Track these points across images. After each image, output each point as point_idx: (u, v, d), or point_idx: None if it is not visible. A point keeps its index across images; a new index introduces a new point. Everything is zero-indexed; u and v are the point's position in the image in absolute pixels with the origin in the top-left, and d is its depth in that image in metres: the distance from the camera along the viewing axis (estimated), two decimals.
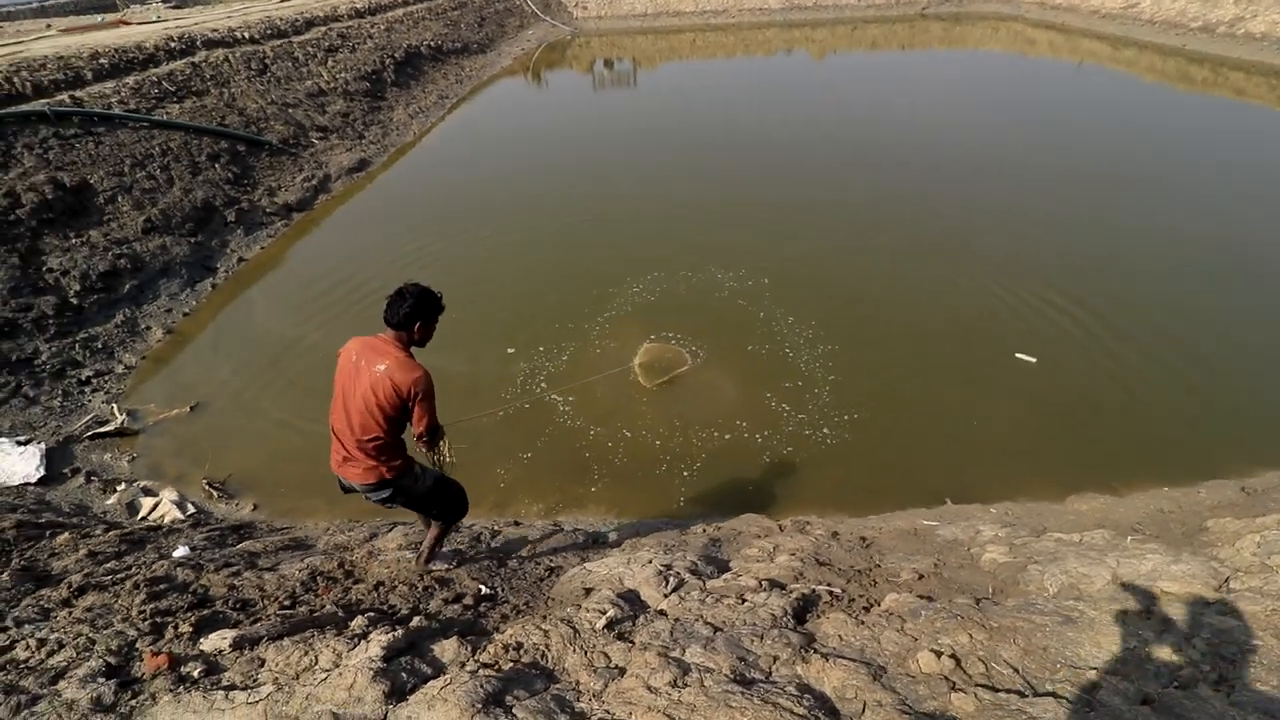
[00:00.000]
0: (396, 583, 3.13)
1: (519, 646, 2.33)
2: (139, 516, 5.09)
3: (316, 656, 2.28)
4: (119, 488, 5.39)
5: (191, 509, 5.14)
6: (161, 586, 2.94)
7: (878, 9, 31.28)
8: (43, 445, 5.66)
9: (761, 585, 2.92)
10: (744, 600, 2.74)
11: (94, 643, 2.37)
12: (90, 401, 6.43)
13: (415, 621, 2.60)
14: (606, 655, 2.29)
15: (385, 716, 1.93)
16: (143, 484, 5.47)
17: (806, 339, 7.04)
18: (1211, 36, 20.11)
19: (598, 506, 5.21)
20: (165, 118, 10.20)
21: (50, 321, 6.94)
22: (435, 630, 2.54)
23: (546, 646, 2.33)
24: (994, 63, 22.88)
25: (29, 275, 7.16)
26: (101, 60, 10.78)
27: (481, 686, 1.98)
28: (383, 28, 18.00)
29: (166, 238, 8.63)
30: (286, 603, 2.89)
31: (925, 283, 8.11)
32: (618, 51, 27.84)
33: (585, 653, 2.30)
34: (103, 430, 6.03)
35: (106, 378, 6.75)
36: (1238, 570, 3.03)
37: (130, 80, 10.65)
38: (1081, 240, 9.01)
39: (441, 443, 3.01)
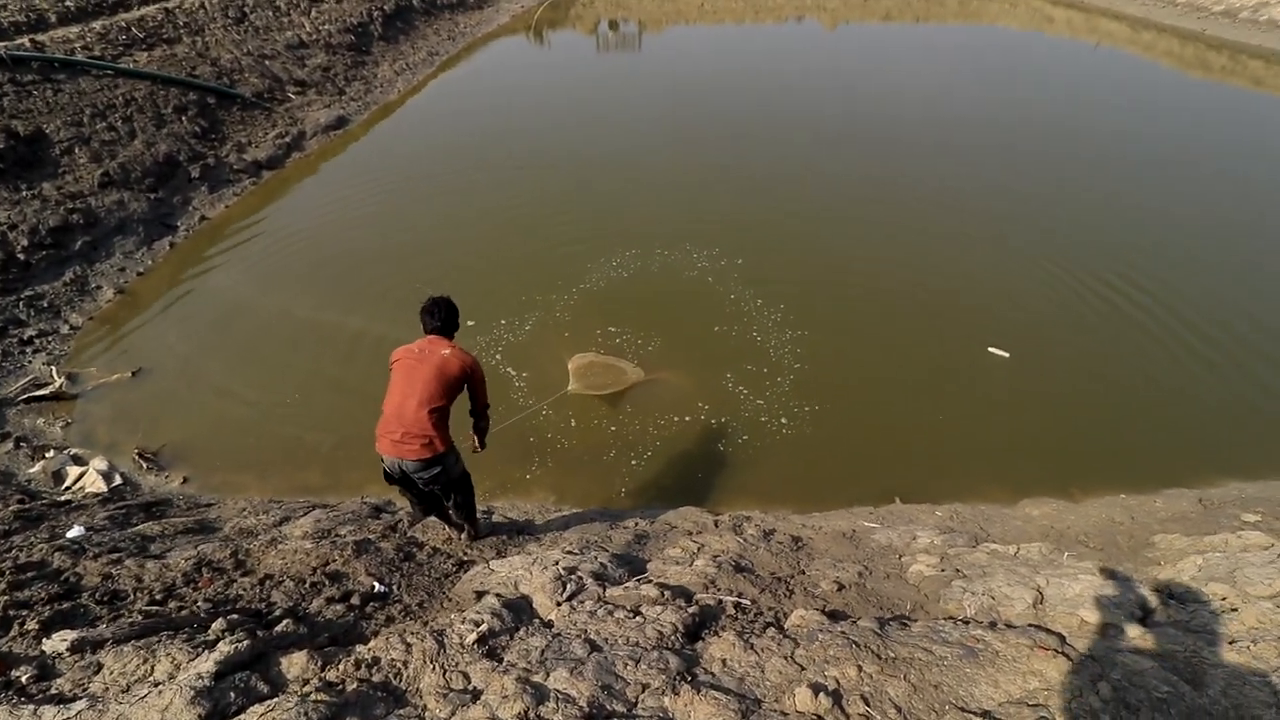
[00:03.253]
0: (285, 577, 2.97)
1: (375, 662, 2.16)
2: (64, 486, 4.94)
3: (154, 666, 2.12)
4: (47, 455, 5.23)
5: (119, 480, 4.99)
6: (29, 574, 2.79)
7: None
8: None
9: (663, 595, 2.75)
10: (638, 613, 2.57)
11: None
12: (30, 363, 6.23)
13: (281, 626, 2.44)
14: (467, 676, 2.13)
15: None
16: (73, 452, 5.31)
17: (775, 323, 6.81)
18: (1233, 22, 19.36)
19: (539, 492, 5.05)
20: (132, 66, 9.79)
21: None
22: (298, 637, 2.38)
23: (405, 663, 2.17)
24: (1010, 40, 22.10)
25: None
26: (68, 3, 10.33)
27: (306, 715, 1.82)
28: None
29: (125, 193, 8.33)
30: (159, 597, 2.73)
31: (909, 269, 7.82)
32: (623, 12, 26.89)
33: (445, 672, 2.14)
34: (39, 394, 5.85)
35: (50, 338, 6.55)
36: (1171, 598, 2.86)
37: (97, 25, 10.21)
38: (1080, 229, 8.69)
39: None
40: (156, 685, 2.00)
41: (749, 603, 2.85)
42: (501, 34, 21.23)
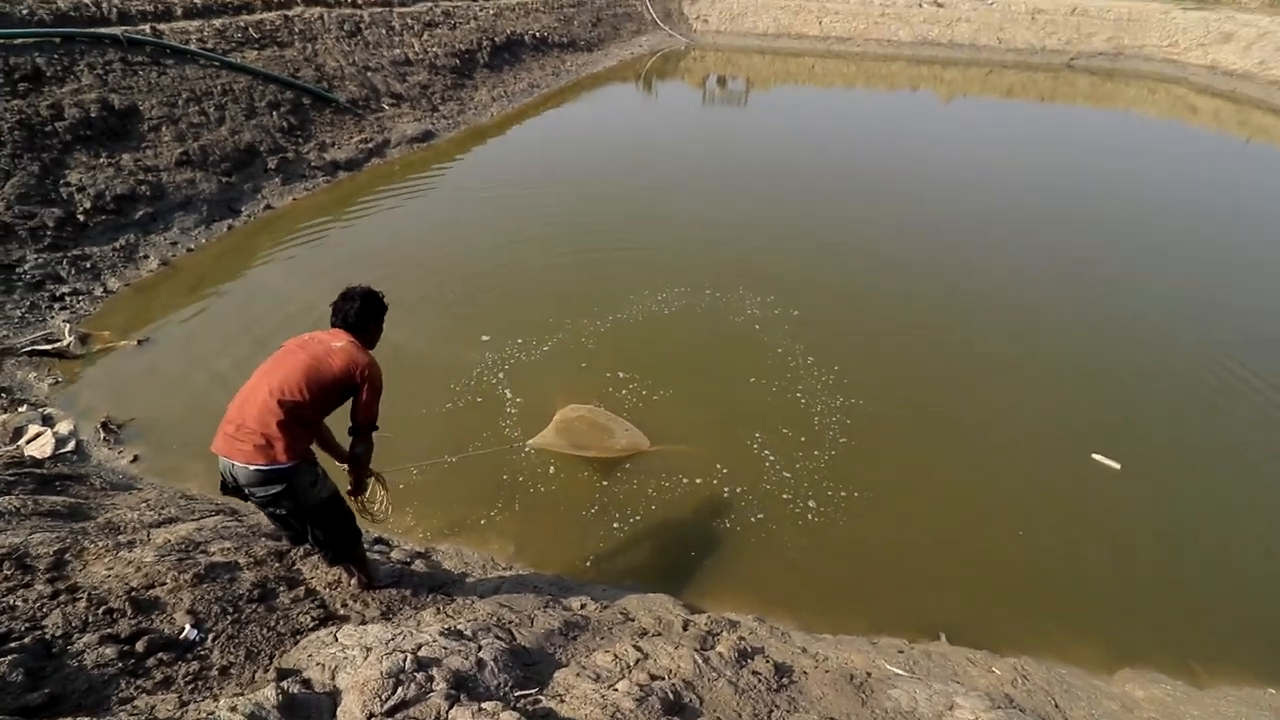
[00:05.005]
0: (89, 594, 2.32)
1: None
2: (22, 442, 4.66)
3: None
4: (20, 409, 5.00)
5: (71, 446, 4.65)
6: None
7: (1018, 54, 28.72)
8: None
9: None
10: None
11: None
12: (53, 319, 6.18)
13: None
14: None
15: None
16: (47, 411, 5.06)
17: (825, 385, 5.79)
18: None
19: (495, 540, 4.23)
20: (239, 61, 10.29)
21: (47, 233, 6.82)
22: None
23: None
24: (1144, 127, 20.13)
25: (43, 185, 7.11)
26: (196, 0, 11.10)
27: None
28: (491, 12, 18.08)
29: (198, 173, 8.53)
30: None
31: (997, 351, 6.59)
32: (732, 69, 27.01)
33: None
34: (44, 348, 5.73)
35: (81, 298, 6.54)
36: None
37: (218, 22, 10.87)
38: (1227, 327, 7.16)
39: (377, 487, 3.00)
40: None
41: None
42: (607, 77, 21.62)
